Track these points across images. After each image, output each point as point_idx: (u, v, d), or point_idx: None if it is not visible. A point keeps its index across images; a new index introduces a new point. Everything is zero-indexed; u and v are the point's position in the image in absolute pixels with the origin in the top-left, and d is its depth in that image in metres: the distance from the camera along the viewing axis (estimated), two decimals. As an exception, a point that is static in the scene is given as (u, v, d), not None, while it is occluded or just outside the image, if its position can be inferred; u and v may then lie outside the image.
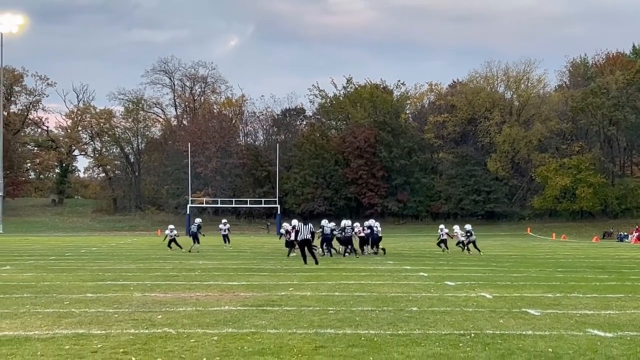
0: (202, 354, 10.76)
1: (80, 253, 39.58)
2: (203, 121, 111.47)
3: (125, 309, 15.63)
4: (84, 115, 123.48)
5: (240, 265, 30.01)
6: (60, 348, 11.13)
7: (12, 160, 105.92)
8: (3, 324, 13.59)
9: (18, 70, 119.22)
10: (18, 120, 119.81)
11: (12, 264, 30.61)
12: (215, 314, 15.01)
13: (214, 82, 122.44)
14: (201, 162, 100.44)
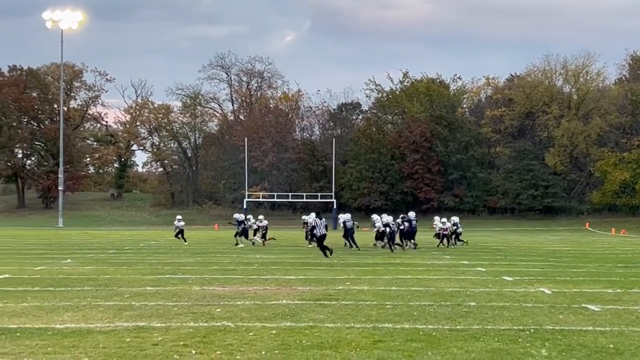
0: (261, 347, 10.84)
1: (139, 247, 40.00)
2: (259, 116, 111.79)
3: (184, 303, 15.79)
4: (142, 110, 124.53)
5: (297, 259, 30.10)
6: (121, 340, 11.29)
7: (71, 155, 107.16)
8: (65, 316, 13.81)
9: (78, 66, 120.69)
10: (78, 116, 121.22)
11: (73, 257, 31.04)
12: (274, 307, 15.10)
13: (271, 77, 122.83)
14: (258, 157, 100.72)
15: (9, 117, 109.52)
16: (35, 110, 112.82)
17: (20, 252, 34.99)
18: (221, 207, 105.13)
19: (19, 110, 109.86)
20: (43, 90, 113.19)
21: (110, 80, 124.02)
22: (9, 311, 14.45)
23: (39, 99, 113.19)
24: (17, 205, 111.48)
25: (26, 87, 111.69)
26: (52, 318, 13.61)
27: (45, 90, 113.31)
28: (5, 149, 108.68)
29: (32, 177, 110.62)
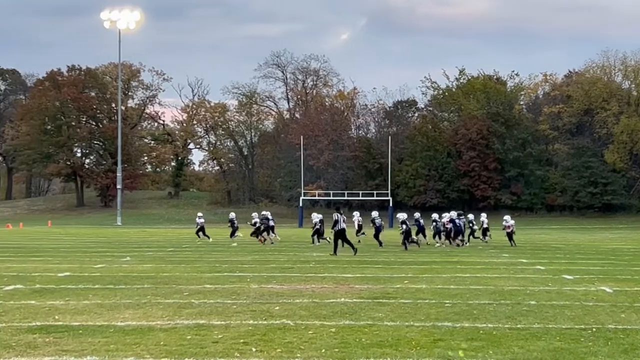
0: (321, 345, 10.84)
1: (196, 245, 40.25)
2: (315, 114, 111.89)
3: (243, 300, 15.85)
4: (199, 109, 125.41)
5: (353, 257, 30.05)
6: (182, 338, 11.37)
7: (129, 154, 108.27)
8: (126, 314, 13.94)
9: (135, 66, 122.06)
10: (135, 115, 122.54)
11: (132, 255, 31.36)
12: (332, 306, 15.09)
13: (326, 75, 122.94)
14: (313, 155, 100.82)
15: (68, 116, 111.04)
16: (93, 109, 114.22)
17: (81, 250, 35.44)
18: (277, 205, 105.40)
19: (77, 110, 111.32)
20: (101, 90, 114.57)
21: (167, 80, 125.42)
22: (71, 309, 14.62)
23: (98, 98, 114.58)
24: (77, 204, 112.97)
25: (85, 87, 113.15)
26: (113, 316, 13.75)
27: (104, 90, 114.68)
28: (64, 148, 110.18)
29: (90, 175, 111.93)
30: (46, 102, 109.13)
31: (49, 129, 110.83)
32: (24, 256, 30.68)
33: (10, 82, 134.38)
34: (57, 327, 12.32)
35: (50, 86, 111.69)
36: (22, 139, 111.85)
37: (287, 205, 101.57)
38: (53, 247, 38.07)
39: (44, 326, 12.48)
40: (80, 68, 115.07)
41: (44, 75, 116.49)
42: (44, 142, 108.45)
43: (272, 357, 10.06)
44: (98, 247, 37.63)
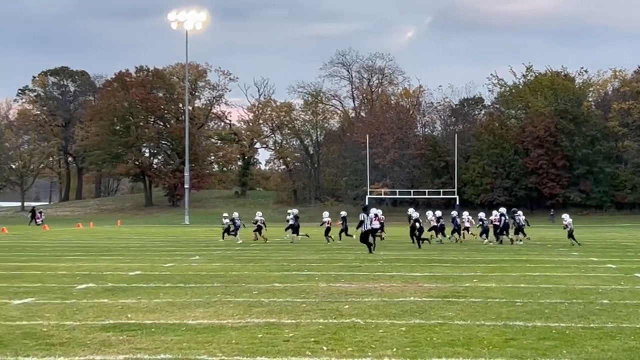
0: (392, 344, 10.82)
1: (264, 244, 40.42)
2: (380, 112, 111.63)
3: (312, 299, 15.89)
4: (265, 108, 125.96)
5: (421, 256, 29.94)
6: (253, 336, 11.44)
7: (196, 153, 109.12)
8: (197, 312, 14.07)
9: (202, 66, 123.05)
10: (202, 115, 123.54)
11: (201, 254, 31.63)
12: (401, 304, 15.05)
13: (391, 74, 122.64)
14: (379, 154, 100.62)
15: (136, 116, 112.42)
16: (161, 110, 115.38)
17: (150, 249, 35.85)
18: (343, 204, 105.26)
19: (146, 110, 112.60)
20: (169, 90, 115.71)
21: (234, 80, 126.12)
22: (143, 307, 14.80)
23: (165, 98, 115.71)
24: (145, 204, 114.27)
25: (152, 88, 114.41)
26: (184, 314, 13.88)
27: (171, 90, 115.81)
28: (133, 148, 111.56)
29: (158, 175, 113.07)
30: (115, 103, 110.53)
31: (117, 130, 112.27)
32: (95, 255, 31.14)
33: (79, 84, 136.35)
34: (130, 325, 12.48)
35: (119, 87, 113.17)
36: (91, 140, 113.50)
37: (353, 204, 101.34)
38: (123, 246, 38.56)
39: (117, 324, 12.65)
40: (148, 69, 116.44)
41: (113, 77, 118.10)
42: (113, 143, 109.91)
43: (344, 355, 10.07)
44: (167, 246, 38.02)
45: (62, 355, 10.09)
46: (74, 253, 32.46)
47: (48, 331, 12.00)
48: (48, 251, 34.17)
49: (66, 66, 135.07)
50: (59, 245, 39.05)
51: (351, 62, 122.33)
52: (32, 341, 11.12)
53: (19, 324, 12.80)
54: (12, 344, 10.86)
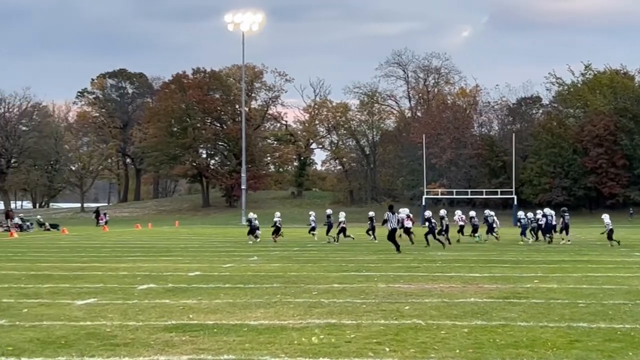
0: (455, 345, 10.76)
1: (321, 244, 40.46)
2: (437, 112, 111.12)
3: (372, 300, 15.86)
4: (321, 109, 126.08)
5: (480, 256, 29.77)
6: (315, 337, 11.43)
7: (253, 154, 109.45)
8: (258, 313, 14.11)
9: (258, 67, 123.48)
10: (258, 116, 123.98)
11: (259, 254, 31.74)
12: (462, 305, 14.96)
13: (448, 73, 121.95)
14: (436, 153, 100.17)
15: (193, 118, 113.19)
16: (218, 111, 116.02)
17: (208, 249, 36.08)
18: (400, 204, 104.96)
19: (202, 112, 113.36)
20: (225, 92, 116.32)
21: (290, 81, 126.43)
22: (204, 307, 14.89)
23: (222, 100, 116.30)
24: (202, 204, 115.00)
25: (209, 89, 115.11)
26: (245, 314, 13.94)
27: (228, 92, 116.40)
28: (190, 149, 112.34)
29: (215, 176, 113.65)
30: (172, 105, 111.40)
31: (175, 131, 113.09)
32: (154, 256, 31.41)
33: (137, 86, 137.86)
34: (193, 326, 12.56)
35: (176, 89, 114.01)
36: (149, 141, 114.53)
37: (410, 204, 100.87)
38: (182, 247, 38.87)
39: (180, 325, 12.74)
40: (205, 70, 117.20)
41: (170, 78, 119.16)
42: (170, 144, 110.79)
43: (406, 357, 10.03)
44: (225, 247, 38.22)
45: (126, 355, 10.19)
46: (133, 254, 32.79)
47: (112, 331, 12.12)
48: (108, 252, 34.56)
49: (124, 68, 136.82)
50: (119, 246, 39.49)
51: (407, 62, 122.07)
52: (97, 341, 11.24)
53: (83, 324, 12.95)
54: (77, 344, 10.99)
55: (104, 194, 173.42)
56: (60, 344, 11.02)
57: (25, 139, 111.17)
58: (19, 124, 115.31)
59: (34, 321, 13.25)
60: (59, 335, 11.73)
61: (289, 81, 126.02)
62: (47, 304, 15.59)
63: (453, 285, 18.69)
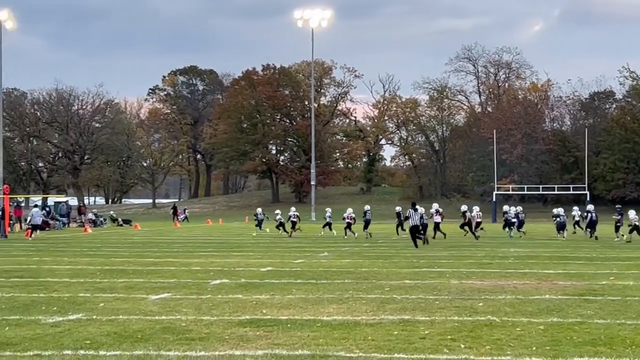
0: (531, 343, 10.64)
1: (392, 240, 40.40)
2: (507, 107, 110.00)
3: (445, 296, 15.78)
4: (390, 105, 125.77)
5: (554, 253, 29.44)
6: (389, 333, 11.39)
7: (322, 150, 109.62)
8: (330, 309, 14.11)
9: (327, 63, 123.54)
10: (328, 112, 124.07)
11: (329, 250, 31.79)
12: (537, 302, 14.81)
13: (519, 68, 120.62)
14: (506, 149, 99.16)
15: (263, 114, 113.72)
16: (287, 107, 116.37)
17: (279, 245, 36.21)
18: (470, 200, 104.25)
19: (272, 108, 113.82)
20: (295, 88, 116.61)
21: (359, 76, 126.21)
22: (277, 303, 14.94)
23: (291, 96, 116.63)
24: (272, 200, 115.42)
25: (279, 85, 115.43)
26: (318, 310, 13.95)
27: (297, 88, 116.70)
28: (260, 145, 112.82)
29: (285, 172, 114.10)
30: (242, 101, 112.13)
31: (245, 127, 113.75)
32: (226, 251, 31.66)
33: (208, 82, 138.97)
34: (266, 321, 12.60)
35: (246, 85, 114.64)
36: (219, 138, 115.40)
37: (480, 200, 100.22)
38: (252, 242, 39.10)
39: (253, 320, 12.79)
40: (274, 67, 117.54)
41: (240, 75, 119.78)
42: (240, 140, 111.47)
43: (482, 354, 9.93)
44: (295, 243, 38.32)
45: (202, 349, 10.26)
46: (205, 249, 33.07)
47: (187, 326, 12.23)
48: (180, 247, 34.91)
49: (195, 65, 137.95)
50: (191, 242, 39.88)
51: (477, 57, 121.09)
52: (172, 336, 11.35)
53: (158, 318, 13.09)
54: (153, 339, 11.10)
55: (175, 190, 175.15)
56: (137, 338, 11.14)
57: (99, 136, 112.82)
58: (92, 121, 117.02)
59: (110, 315, 13.43)
60: (135, 330, 11.87)
61: (358, 77, 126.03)
62: (122, 298, 15.80)
63: (527, 282, 18.50)
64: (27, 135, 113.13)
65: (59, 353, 10.02)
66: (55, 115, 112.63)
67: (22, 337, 11.22)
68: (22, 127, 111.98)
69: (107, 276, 20.52)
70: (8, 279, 19.77)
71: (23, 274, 21.35)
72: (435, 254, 29.10)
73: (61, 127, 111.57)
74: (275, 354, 9.87)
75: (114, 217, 70.85)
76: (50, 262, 25.97)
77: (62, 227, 60.56)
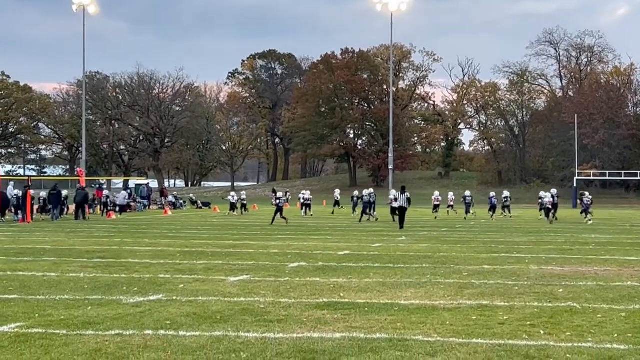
0: (612, 330, 10.47)
1: (470, 225, 40.18)
2: (589, 92, 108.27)
3: (524, 282, 15.62)
4: (469, 89, 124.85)
5: (635, 240, 28.98)
6: (467, 318, 11.32)
7: (400, 134, 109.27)
8: (408, 293, 14.08)
9: (406, 47, 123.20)
10: (406, 96, 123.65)
11: (407, 235, 31.72)
12: (619, 289, 14.59)
13: (601, 52, 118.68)
14: (587, 134, 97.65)
15: (341, 98, 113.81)
16: (365, 91, 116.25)
17: (357, 229, 36.25)
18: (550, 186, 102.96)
19: (350, 92, 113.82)
20: (373, 72, 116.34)
21: (438, 60, 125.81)
22: (354, 286, 14.96)
23: (369, 80, 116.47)
24: (350, 184, 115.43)
25: (357, 69, 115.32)
26: (396, 294, 13.92)
27: (375, 72, 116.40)
28: (338, 129, 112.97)
29: (363, 156, 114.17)
30: (320, 85, 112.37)
31: (323, 111, 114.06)
32: (303, 234, 31.81)
33: (286, 67, 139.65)
34: (344, 305, 12.61)
35: (325, 69, 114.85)
36: (298, 121, 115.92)
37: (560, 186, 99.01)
38: (330, 226, 39.21)
39: (331, 303, 12.82)
40: (353, 51, 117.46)
41: (319, 59, 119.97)
42: (318, 124, 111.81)
43: (562, 340, 9.80)
44: (373, 227, 38.31)
45: (280, 331, 10.32)
46: (283, 232, 33.24)
47: (265, 308, 12.31)
48: (259, 230, 35.18)
49: (274, 49, 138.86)
50: (268, 225, 40.06)
51: (559, 41, 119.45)
52: (251, 317, 11.43)
53: (237, 300, 13.20)
54: (232, 320, 11.20)
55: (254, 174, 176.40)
56: (216, 319, 11.25)
57: (179, 119, 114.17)
58: (173, 105, 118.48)
59: (189, 296, 13.59)
60: (214, 311, 11.99)
61: (437, 61, 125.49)
62: (201, 280, 15.97)
63: (608, 269, 18.23)
64: (109, 118, 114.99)
65: (140, 333, 10.18)
66: (136, 99, 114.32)
67: (104, 317, 11.42)
68: (105, 111, 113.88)
69: (186, 258, 20.77)
70: (90, 260, 20.14)
71: (105, 254, 21.74)
72: (514, 239, 28.86)
73: (142, 110, 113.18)
74: (353, 337, 9.88)
75: (193, 200, 71.66)
76: (132, 243, 26.41)
77: (143, 209, 61.50)
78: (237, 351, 9.12)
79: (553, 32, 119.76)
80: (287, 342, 9.66)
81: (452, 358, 8.82)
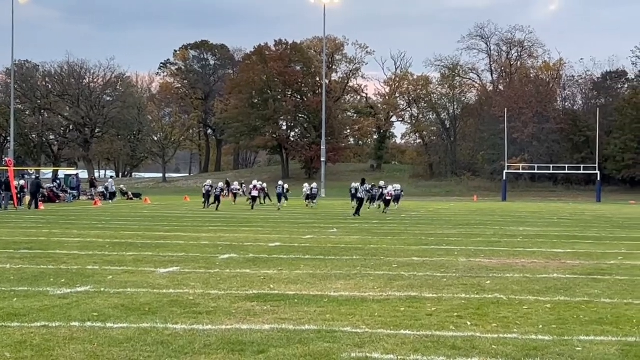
0: (537, 321, 10.62)
1: (400, 217, 40.44)
2: (519, 86, 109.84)
3: (452, 274, 15.78)
4: (402, 82, 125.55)
5: (562, 232, 29.46)
6: (395, 310, 11.40)
7: (333, 127, 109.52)
8: (338, 285, 14.13)
9: (339, 39, 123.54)
10: (339, 88, 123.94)
11: (338, 227, 31.82)
12: (545, 281, 14.81)
13: (531, 46, 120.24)
14: (517, 128, 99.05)
15: (274, 90, 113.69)
16: (299, 83, 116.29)
17: (288, 221, 36.24)
18: (480, 179, 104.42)
19: (283, 84, 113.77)
20: (306, 64, 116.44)
21: (370, 53, 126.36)
22: (284, 278, 14.97)
23: (303, 72, 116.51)
24: (282, 176, 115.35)
25: (291, 61, 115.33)
26: (326, 286, 13.95)
27: (309, 64, 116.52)
28: (270, 121, 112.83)
29: (295, 148, 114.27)
30: (253, 76, 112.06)
31: (256, 103, 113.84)
32: (235, 226, 31.71)
33: (219, 57, 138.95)
34: (273, 296, 12.61)
35: (258, 60, 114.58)
36: (230, 113, 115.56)
37: (490, 179, 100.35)
38: (262, 217, 39.11)
39: (261, 294, 12.80)
40: (286, 43, 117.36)
41: (252, 50, 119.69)
42: (251, 116, 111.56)
43: (488, 331, 9.92)
44: (305, 219, 38.38)
45: (209, 323, 10.28)
46: (214, 224, 33.12)
47: (194, 300, 12.25)
48: (190, 221, 35.00)
49: (206, 40, 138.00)
50: (200, 216, 39.91)
51: (490, 35, 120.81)
52: (180, 309, 11.37)
53: (166, 292, 13.11)
54: (161, 311, 11.12)
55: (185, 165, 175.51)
56: (144, 311, 11.17)
57: (109, 109, 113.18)
58: (103, 94, 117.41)
59: (118, 288, 13.46)
60: (143, 302, 11.89)
61: (369, 53, 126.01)
62: (130, 271, 15.83)
63: (535, 261, 18.50)
64: (38, 107, 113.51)
65: (66, 325, 10.06)
66: (66, 88, 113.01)
67: (30, 309, 11.26)
68: (34, 100, 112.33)
69: (116, 249, 20.57)
70: (17, 251, 19.84)
71: (32, 245, 21.43)
72: (444, 231, 29.13)
73: (72, 100, 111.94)
74: (282, 329, 9.88)
75: (124, 191, 70.97)
76: (60, 234, 26.07)
77: (72, 200, 60.75)
78: (165, 343, 9.07)
79: (484, 27, 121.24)
80: (215, 333, 9.63)
81: (379, 349, 8.87)
